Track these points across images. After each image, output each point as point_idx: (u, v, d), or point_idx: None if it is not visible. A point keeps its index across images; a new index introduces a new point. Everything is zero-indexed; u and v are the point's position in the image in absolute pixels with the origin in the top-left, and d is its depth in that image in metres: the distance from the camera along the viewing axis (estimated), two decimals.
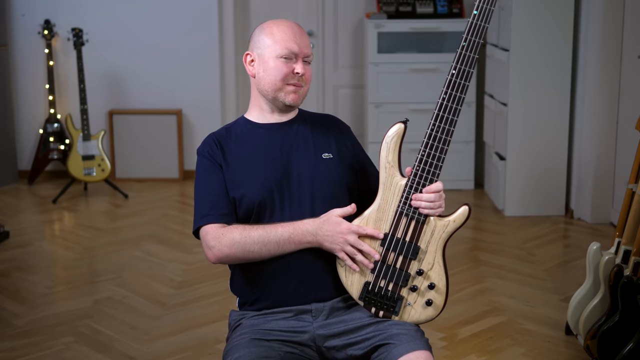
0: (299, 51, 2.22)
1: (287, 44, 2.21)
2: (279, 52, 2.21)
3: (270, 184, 2.19)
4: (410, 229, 2.14)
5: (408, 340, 2.07)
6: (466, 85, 2.11)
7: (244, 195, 2.19)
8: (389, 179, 2.15)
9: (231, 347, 2.13)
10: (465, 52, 2.10)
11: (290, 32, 2.23)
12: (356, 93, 6.45)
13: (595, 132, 5.06)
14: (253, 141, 2.27)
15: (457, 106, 2.10)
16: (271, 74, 2.22)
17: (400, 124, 2.15)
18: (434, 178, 2.13)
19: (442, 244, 2.14)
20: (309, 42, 2.27)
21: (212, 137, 2.29)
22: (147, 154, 6.31)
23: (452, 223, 2.14)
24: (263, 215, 2.20)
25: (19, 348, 3.46)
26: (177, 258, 4.57)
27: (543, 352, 3.39)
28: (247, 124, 2.31)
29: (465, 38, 2.09)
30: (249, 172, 2.22)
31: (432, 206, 2.12)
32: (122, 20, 6.24)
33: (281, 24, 2.25)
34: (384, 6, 5.99)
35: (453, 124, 2.11)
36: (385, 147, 2.15)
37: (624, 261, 3.13)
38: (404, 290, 2.15)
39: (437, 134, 2.11)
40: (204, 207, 2.20)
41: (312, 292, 2.20)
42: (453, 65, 2.10)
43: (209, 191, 2.21)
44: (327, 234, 2.12)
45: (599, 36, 4.92)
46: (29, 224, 5.31)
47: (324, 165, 2.24)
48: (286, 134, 2.28)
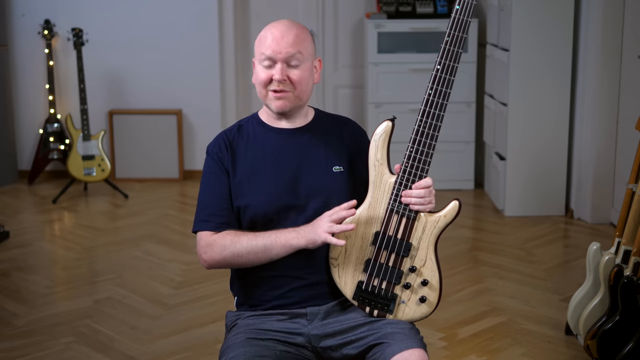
0: (273, 55, 2.14)
1: (261, 49, 2.16)
2: (258, 58, 2.18)
3: (276, 197, 2.18)
4: (401, 226, 2.13)
5: (402, 339, 2.07)
6: (451, 79, 2.10)
7: (249, 205, 2.18)
8: (378, 177, 2.15)
9: (226, 347, 2.14)
10: (449, 47, 2.10)
11: (270, 35, 2.16)
12: (356, 93, 6.45)
13: (595, 132, 5.06)
14: (264, 146, 2.23)
15: (443, 101, 2.10)
16: (256, 80, 2.19)
17: (387, 122, 2.15)
18: (423, 174, 2.12)
19: (433, 240, 2.14)
20: (297, 41, 2.15)
21: (223, 137, 2.25)
22: (147, 154, 6.31)
23: (442, 218, 2.14)
24: (267, 226, 2.18)
25: (19, 348, 3.46)
26: (177, 258, 4.57)
27: (543, 352, 3.39)
28: (260, 125, 2.27)
29: (449, 33, 2.09)
30: (256, 181, 2.19)
31: (422, 202, 2.12)
32: (122, 20, 6.24)
33: (269, 27, 2.19)
34: (384, 6, 5.99)
35: (440, 119, 2.11)
36: (373, 145, 2.15)
37: (624, 261, 3.13)
38: (397, 288, 2.15)
39: (425, 130, 2.11)
40: (204, 211, 2.20)
41: (308, 295, 2.20)
42: (437, 60, 2.10)
43: (211, 197, 2.21)
44: (307, 226, 2.12)
45: (599, 36, 4.92)
46: (29, 224, 5.31)
47: (334, 180, 2.21)
48: (298, 143, 2.23)
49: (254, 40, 6.37)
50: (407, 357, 2.02)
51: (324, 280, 2.20)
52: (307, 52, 2.19)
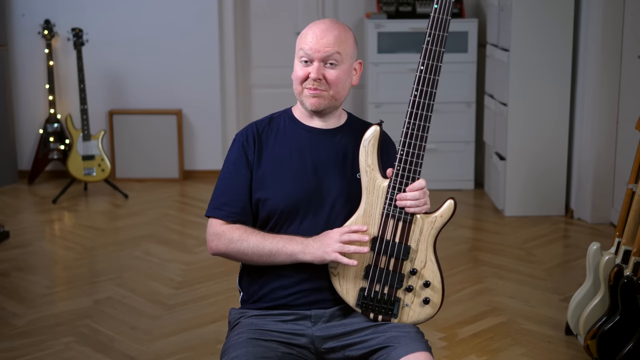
0: (311, 53, 2.15)
1: (301, 45, 2.18)
2: (297, 54, 2.19)
3: (296, 196, 2.18)
4: (398, 230, 2.13)
5: (408, 342, 2.07)
6: (436, 79, 2.10)
7: (269, 199, 2.19)
8: (371, 183, 2.15)
9: (229, 346, 2.13)
10: (431, 47, 2.10)
11: (311, 33, 2.17)
12: (356, 93, 6.45)
13: (595, 132, 5.06)
14: (292, 142, 2.23)
15: (429, 102, 2.10)
16: (293, 76, 2.20)
17: (375, 127, 2.15)
18: (416, 176, 2.12)
19: (432, 241, 2.14)
20: (338, 41, 2.15)
21: (253, 127, 2.26)
22: (147, 154, 6.31)
23: (439, 218, 2.13)
24: (283, 223, 2.19)
25: (19, 348, 3.46)
26: (177, 258, 4.57)
27: (543, 352, 3.39)
28: (292, 121, 2.27)
29: (429, 33, 2.10)
30: (279, 176, 2.20)
31: (418, 204, 2.11)
32: (122, 20, 6.24)
33: (312, 24, 2.19)
34: (384, 6, 5.99)
35: (427, 119, 2.10)
36: (363, 151, 2.15)
37: (624, 261, 3.13)
38: (399, 292, 2.14)
39: (413, 132, 2.11)
40: (219, 198, 2.22)
41: (314, 298, 2.19)
42: (420, 61, 2.11)
43: (230, 187, 2.21)
44: (315, 242, 2.12)
45: (599, 36, 4.92)
46: (29, 224, 5.31)
47: (355, 186, 2.19)
48: (326, 144, 2.23)
49: (254, 40, 6.43)
50: None
51: (331, 285, 2.20)
52: (347, 53, 2.18)
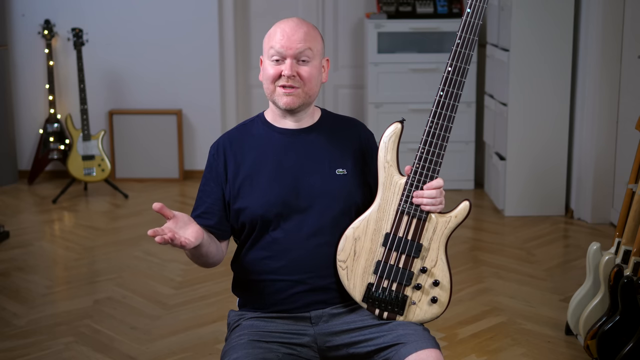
0: (283, 50, 2.13)
1: (271, 44, 2.16)
2: (267, 53, 2.17)
3: (275, 200, 2.16)
4: (412, 227, 2.13)
5: (417, 339, 2.06)
6: (462, 81, 2.12)
7: (247, 207, 2.18)
8: (388, 179, 2.15)
9: (229, 348, 2.12)
10: (460, 50, 2.11)
11: (280, 31, 2.16)
12: (356, 93, 6.45)
13: (595, 132, 5.06)
14: (267, 146, 2.22)
15: (454, 102, 2.12)
16: (264, 76, 2.18)
17: (397, 124, 2.16)
18: (434, 175, 2.13)
19: (444, 240, 2.14)
20: (308, 38, 2.15)
21: (225, 139, 2.25)
22: (147, 154, 6.31)
23: (454, 219, 2.14)
24: (266, 228, 2.18)
25: (19, 348, 3.46)
26: (177, 258, 4.57)
27: (543, 352, 3.39)
28: (265, 125, 2.25)
29: (460, 36, 2.11)
30: (256, 183, 2.18)
31: (434, 202, 2.12)
32: (122, 20, 6.24)
33: (279, 23, 2.19)
34: (384, 6, 5.99)
35: (451, 120, 2.12)
36: (383, 147, 2.15)
37: (624, 261, 3.13)
38: (407, 289, 2.14)
39: (436, 131, 2.12)
40: (197, 209, 2.27)
41: (311, 300, 2.18)
42: (449, 62, 2.11)
43: (202, 200, 2.26)
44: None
45: (599, 36, 4.92)
46: (29, 224, 5.31)
47: (336, 182, 2.19)
48: (302, 144, 2.22)
49: (254, 40, 6.43)
50: (424, 357, 2.01)
51: (327, 285, 2.18)
52: (317, 49, 2.18)
